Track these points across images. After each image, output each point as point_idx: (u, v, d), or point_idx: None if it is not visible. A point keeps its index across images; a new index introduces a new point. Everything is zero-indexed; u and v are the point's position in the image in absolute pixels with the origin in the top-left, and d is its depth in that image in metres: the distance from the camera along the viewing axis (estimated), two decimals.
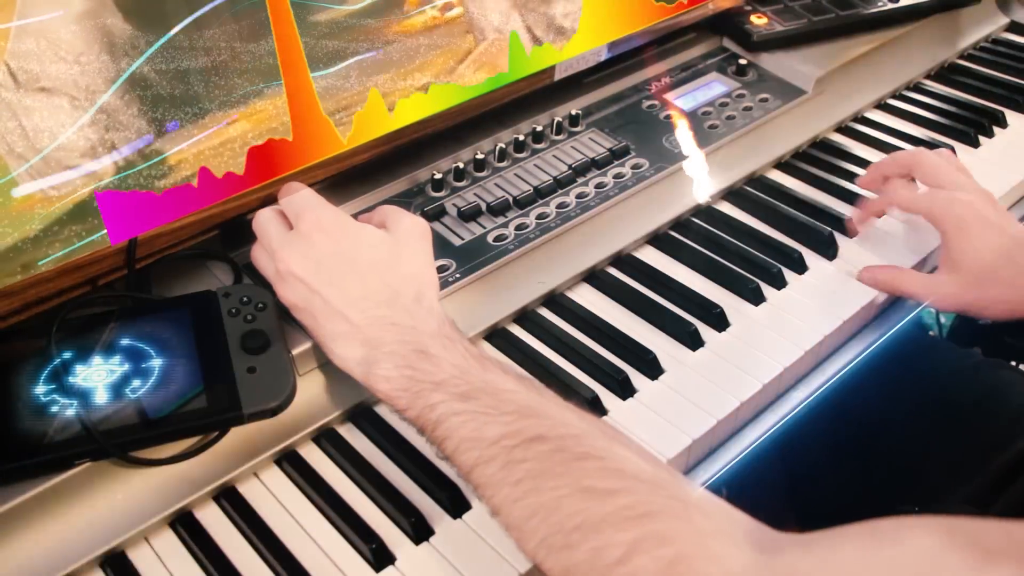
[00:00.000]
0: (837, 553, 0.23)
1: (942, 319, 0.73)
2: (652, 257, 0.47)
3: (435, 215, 0.47)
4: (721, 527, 0.26)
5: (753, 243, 0.48)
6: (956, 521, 0.23)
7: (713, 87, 0.58)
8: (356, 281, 0.36)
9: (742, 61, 0.59)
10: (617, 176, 0.50)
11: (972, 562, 0.21)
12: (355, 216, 0.40)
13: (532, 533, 0.28)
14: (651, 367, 0.41)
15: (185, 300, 0.38)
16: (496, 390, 0.32)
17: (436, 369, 0.33)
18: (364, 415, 0.39)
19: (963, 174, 0.45)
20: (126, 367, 0.35)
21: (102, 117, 0.35)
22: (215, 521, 0.34)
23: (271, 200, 0.41)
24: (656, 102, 0.56)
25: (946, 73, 0.65)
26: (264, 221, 0.39)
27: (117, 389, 0.34)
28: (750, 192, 0.52)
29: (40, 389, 0.34)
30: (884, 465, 0.44)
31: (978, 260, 0.40)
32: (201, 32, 0.37)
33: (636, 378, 0.40)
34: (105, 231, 0.36)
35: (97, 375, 0.34)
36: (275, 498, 0.35)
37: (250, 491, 0.36)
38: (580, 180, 0.49)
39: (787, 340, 0.42)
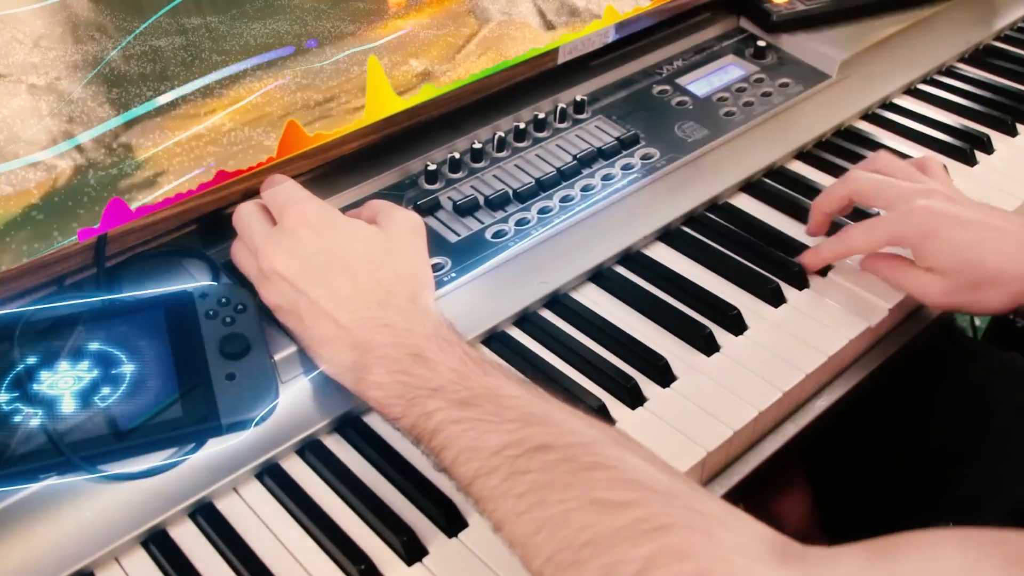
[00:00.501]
0: (867, 567, 0.23)
1: (977, 321, 0.70)
2: (663, 255, 0.46)
3: (429, 209, 0.45)
4: (742, 540, 0.25)
5: (772, 240, 0.46)
6: (988, 533, 0.22)
7: (729, 71, 0.55)
8: (346, 280, 0.34)
9: (761, 43, 0.57)
10: (625, 167, 0.48)
11: (1004, 575, 0.20)
12: (342, 211, 0.38)
13: (538, 550, 0.26)
14: (662, 373, 0.39)
15: (159, 301, 0.37)
16: (498, 396, 0.30)
17: (433, 374, 0.31)
18: (352, 425, 0.37)
19: (906, 173, 0.42)
20: (95, 374, 0.33)
21: (67, 107, 0.33)
22: (191, 540, 0.33)
23: (252, 194, 0.39)
24: (668, 87, 0.54)
25: (981, 56, 0.62)
26: (245, 216, 0.37)
27: (85, 397, 0.33)
28: (770, 185, 0.50)
29: (2, 397, 0.32)
30: (916, 476, 0.42)
31: (956, 260, 0.38)
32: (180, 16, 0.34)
33: (646, 385, 0.39)
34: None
35: (64, 382, 0.33)
36: (256, 515, 0.34)
37: (229, 507, 0.34)
38: (585, 171, 0.48)
39: (809, 344, 0.40)
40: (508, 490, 0.27)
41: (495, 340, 0.41)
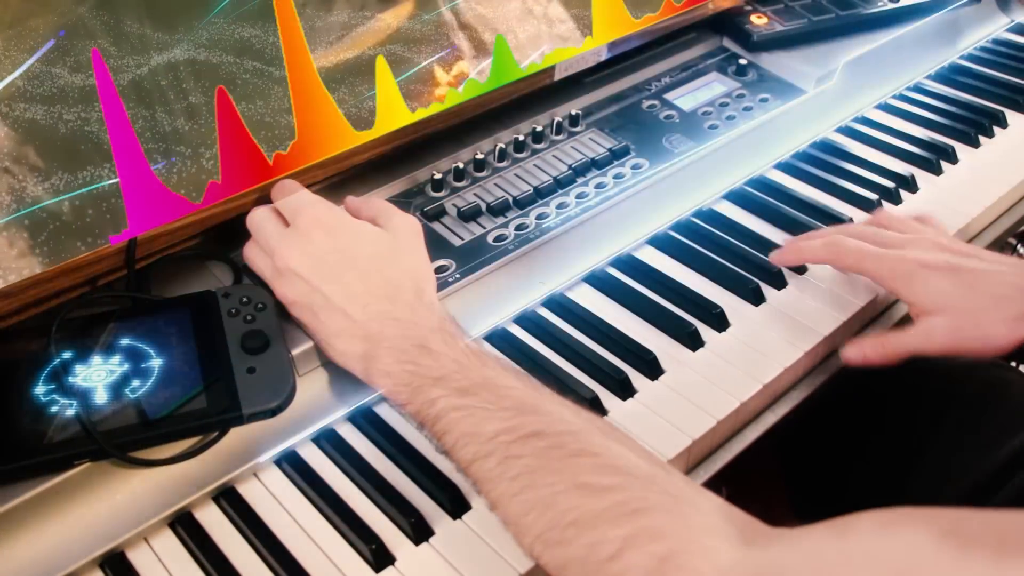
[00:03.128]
0: (824, 545, 0.24)
1: None
2: (652, 257, 0.47)
3: (435, 215, 0.46)
4: (712, 522, 0.26)
5: (754, 243, 0.48)
6: (937, 511, 0.23)
7: (713, 87, 0.57)
8: (357, 277, 0.36)
9: (742, 61, 0.59)
10: (617, 176, 0.50)
11: (951, 551, 0.21)
12: (340, 202, 0.39)
13: (529, 528, 0.28)
14: (651, 367, 0.41)
15: (185, 300, 0.38)
16: (495, 386, 0.32)
17: (437, 364, 0.33)
18: (364, 415, 0.38)
19: (903, 226, 0.42)
20: (126, 367, 0.35)
21: None
22: (215, 521, 0.34)
23: (267, 200, 0.41)
24: (656, 102, 0.56)
25: (947, 73, 0.65)
26: (260, 219, 0.39)
27: (117, 389, 0.34)
28: (751, 192, 0.52)
29: (40, 389, 0.34)
30: (883, 463, 0.44)
31: (951, 296, 0.37)
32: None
33: (636, 378, 0.40)
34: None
35: (97, 375, 0.34)
36: (275, 498, 0.35)
37: (250, 491, 0.35)
38: (580, 180, 0.49)
39: (787, 340, 0.42)
40: (502, 473, 0.29)
41: (496, 336, 0.42)
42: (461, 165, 0.49)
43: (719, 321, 0.43)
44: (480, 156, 0.49)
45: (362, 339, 0.35)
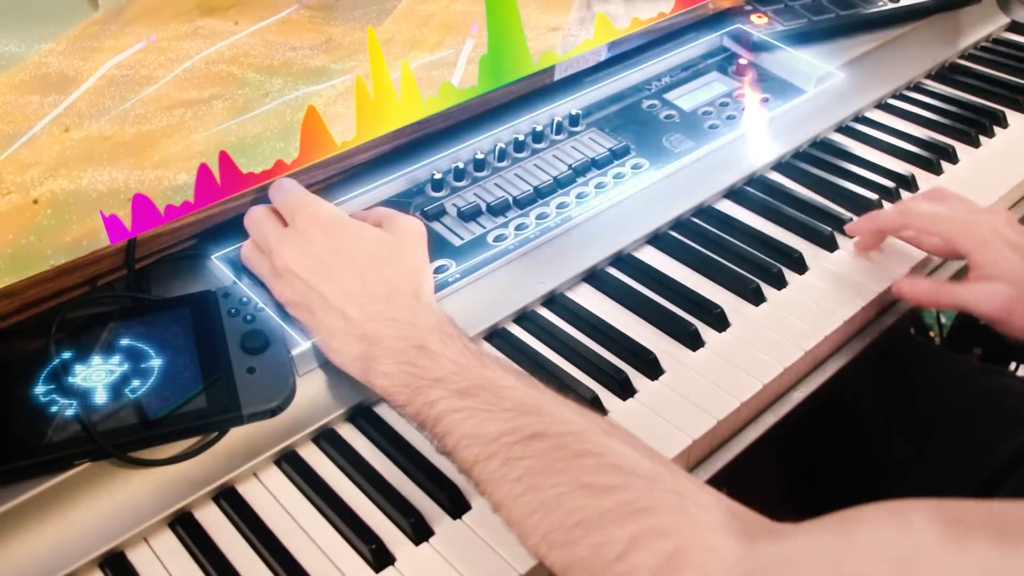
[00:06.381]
0: (829, 537, 0.24)
1: (943, 319, 0.72)
2: (652, 257, 0.47)
3: (435, 215, 0.46)
4: (716, 518, 0.26)
5: (753, 243, 0.48)
6: (939, 502, 0.23)
7: (713, 86, 0.57)
8: (355, 277, 0.36)
9: (742, 60, 0.59)
10: (617, 176, 0.50)
11: (951, 537, 0.21)
12: (351, 215, 0.40)
13: (534, 530, 0.28)
14: (651, 367, 0.41)
15: (184, 300, 0.38)
16: (495, 387, 0.32)
17: (435, 365, 0.33)
18: (364, 415, 0.38)
19: (959, 207, 0.43)
20: (125, 367, 0.35)
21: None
22: (214, 522, 0.34)
23: (265, 200, 0.41)
24: (656, 101, 0.56)
25: (946, 73, 0.65)
26: (257, 218, 0.39)
27: (116, 389, 0.34)
28: (750, 192, 0.52)
29: (39, 389, 0.34)
30: (881, 464, 0.44)
31: (1019, 265, 0.38)
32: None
33: (636, 378, 0.40)
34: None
35: (96, 375, 0.34)
36: (275, 498, 0.35)
37: (249, 491, 0.35)
38: (580, 180, 0.49)
39: (787, 340, 0.42)
40: (505, 474, 0.29)
41: (496, 336, 0.42)
42: (461, 165, 0.49)
43: (719, 321, 0.43)
44: (480, 156, 0.49)
45: (359, 339, 0.35)
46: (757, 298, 0.45)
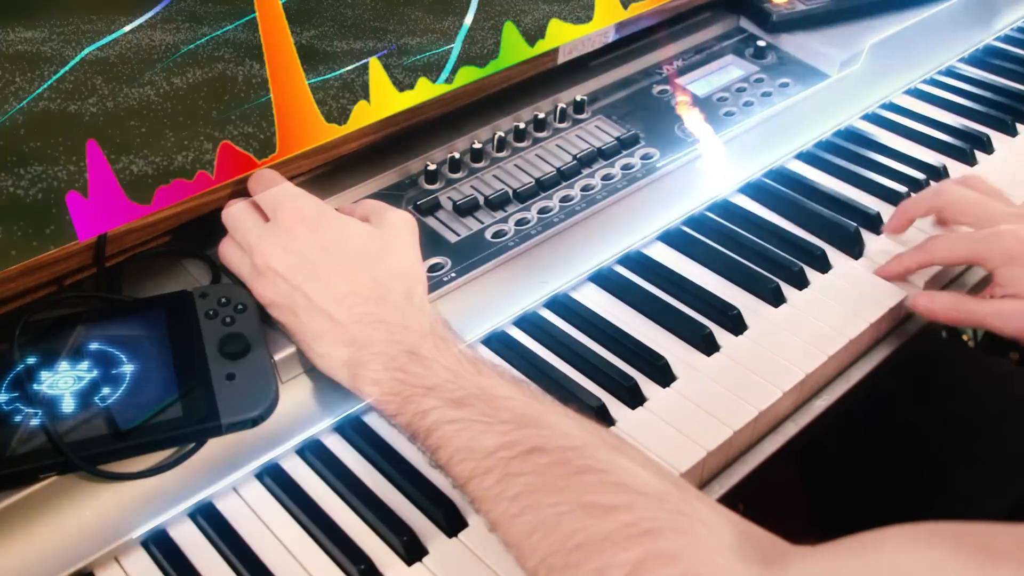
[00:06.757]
0: (847, 562, 0.23)
1: None
2: (663, 255, 0.45)
3: (429, 209, 0.45)
4: (727, 542, 0.25)
5: (773, 240, 0.46)
6: (966, 526, 0.22)
7: (729, 71, 0.55)
8: (342, 276, 0.34)
9: (761, 43, 0.56)
10: (625, 167, 0.48)
11: (977, 567, 0.21)
12: (336, 210, 0.38)
13: (532, 551, 0.27)
14: (662, 373, 0.39)
15: (158, 301, 0.37)
16: (492, 396, 0.30)
17: (428, 372, 0.32)
18: (352, 425, 0.37)
19: (995, 199, 0.42)
20: (95, 373, 0.33)
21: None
22: (191, 540, 0.33)
23: (244, 193, 0.39)
24: (668, 87, 0.54)
25: (981, 56, 0.62)
26: (237, 213, 0.37)
27: (85, 397, 0.33)
28: (769, 184, 0.50)
29: (2, 397, 0.32)
30: (911, 477, 0.42)
31: None
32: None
33: (646, 385, 0.39)
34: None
35: (64, 382, 0.33)
36: (256, 515, 0.34)
37: (229, 507, 0.34)
38: (585, 171, 0.47)
39: (809, 344, 0.40)
40: (502, 492, 0.28)
41: (495, 340, 0.41)
42: (457, 155, 0.47)
43: (735, 323, 0.41)
44: (478, 145, 0.47)
45: (346, 343, 0.33)
46: (776, 299, 0.43)
